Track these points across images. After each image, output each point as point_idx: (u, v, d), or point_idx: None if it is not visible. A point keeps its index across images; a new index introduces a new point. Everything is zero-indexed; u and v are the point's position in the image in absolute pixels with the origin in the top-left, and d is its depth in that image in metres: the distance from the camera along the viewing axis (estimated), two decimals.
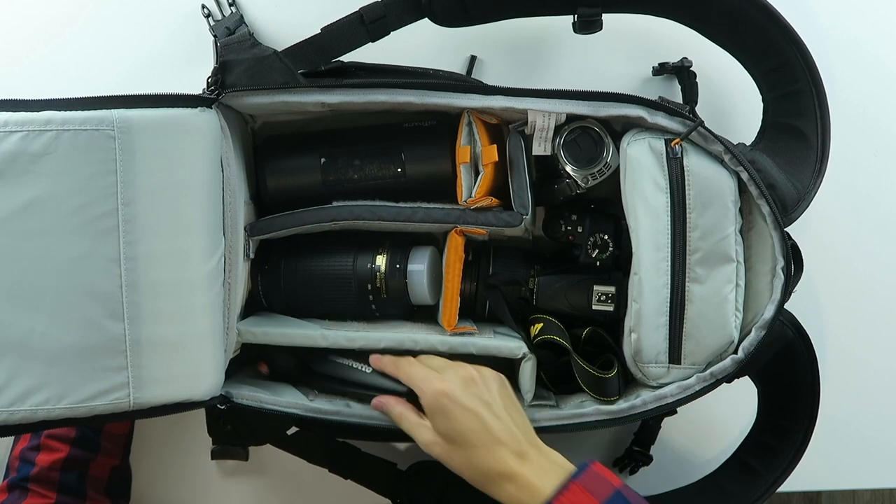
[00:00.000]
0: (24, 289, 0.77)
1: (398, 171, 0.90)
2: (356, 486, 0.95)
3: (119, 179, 0.78)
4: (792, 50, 0.86)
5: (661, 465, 1.02)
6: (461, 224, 0.88)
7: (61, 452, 0.91)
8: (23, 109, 0.77)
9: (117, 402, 0.79)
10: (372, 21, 0.88)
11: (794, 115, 0.88)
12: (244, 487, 1.05)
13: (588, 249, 0.90)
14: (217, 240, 0.84)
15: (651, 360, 0.86)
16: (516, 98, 0.85)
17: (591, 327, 0.91)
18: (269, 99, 0.84)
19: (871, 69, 1.03)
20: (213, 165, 0.83)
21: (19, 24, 1.00)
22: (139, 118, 0.78)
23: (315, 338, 0.89)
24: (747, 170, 0.82)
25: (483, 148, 0.86)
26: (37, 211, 0.77)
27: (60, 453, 0.91)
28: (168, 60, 0.99)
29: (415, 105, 0.85)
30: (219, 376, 0.86)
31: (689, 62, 0.96)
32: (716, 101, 0.99)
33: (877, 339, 1.05)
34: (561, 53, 1.00)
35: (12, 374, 0.77)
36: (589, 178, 0.87)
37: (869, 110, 1.03)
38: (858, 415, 1.04)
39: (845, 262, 1.04)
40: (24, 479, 0.90)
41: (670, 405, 0.86)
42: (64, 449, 0.91)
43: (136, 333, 0.79)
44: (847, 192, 0.93)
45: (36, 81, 0.99)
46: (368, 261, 0.90)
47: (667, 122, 0.84)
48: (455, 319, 0.89)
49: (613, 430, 1.01)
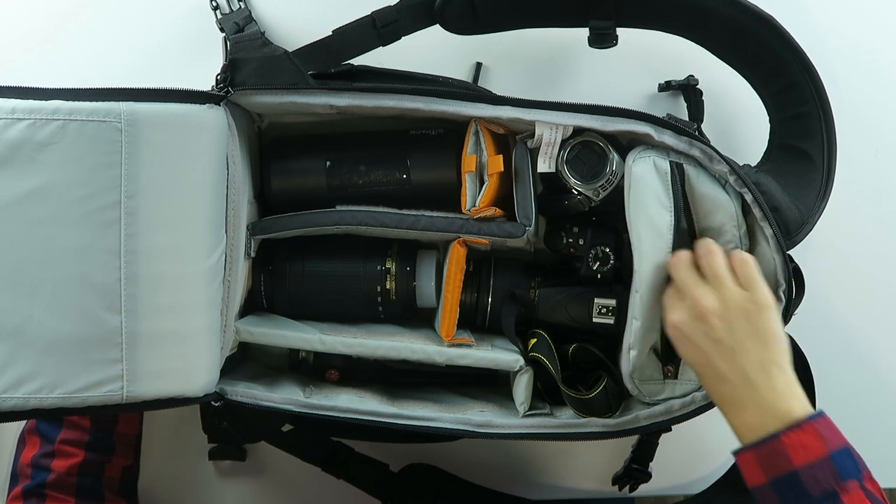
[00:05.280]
0: (23, 276, 0.77)
1: (403, 177, 0.90)
2: (352, 488, 0.95)
3: (123, 172, 0.78)
4: (801, 72, 0.86)
5: (660, 483, 1.02)
6: (464, 233, 0.88)
7: (77, 457, 0.91)
8: (31, 98, 0.77)
9: (110, 394, 0.79)
10: (384, 25, 0.89)
11: (801, 137, 0.88)
12: (241, 488, 1.05)
13: (589, 262, 0.90)
14: (219, 237, 0.84)
15: (648, 377, 0.86)
16: (524, 109, 0.85)
17: (578, 343, 0.91)
18: (277, 99, 0.85)
19: (872, 70, 1.03)
20: (219, 162, 0.83)
21: (27, 13, 1.00)
22: (147, 112, 0.79)
23: (313, 342, 0.89)
24: (752, 192, 0.82)
25: (489, 158, 0.86)
26: (40, 199, 0.77)
27: (76, 458, 0.91)
28: (174, 53, 1.00)
29: (422, 112, 0.85)
30: (214, 373, 0.85)
31: (696, 80, 0.96)
32: (722, 121, 0.99)
33: (875, 340, 1.05)
34: (568, 66, 1.01)
35: (7, 361, 0.77)
36: (599, 189, 0.87)
37: (869, 111, 1.03)
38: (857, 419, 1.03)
39: (845, 262, 1.04)
40: (40, 486, 0.89)
41: (666, 422, 0.86)
42: (79, 454, 0.91)
43: (133, 326, 0.79)
44: (847, 192, 0.92)
45: (45, 70, 1.00)
46: (378, 263, 0.90)
47: (673, 141, 0.84)
48: (453, 330, 0.89)
49: (611, 447, 1.01)
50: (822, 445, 0.70)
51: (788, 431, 0.71)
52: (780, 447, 0.71)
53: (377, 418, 0.87)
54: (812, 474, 0.70)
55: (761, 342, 0.77)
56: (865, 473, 0.70)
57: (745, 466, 0.74)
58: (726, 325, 0.77)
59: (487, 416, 0.89)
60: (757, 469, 0.73)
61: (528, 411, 0.89)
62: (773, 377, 0.75)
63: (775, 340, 0.77)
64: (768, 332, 0.77)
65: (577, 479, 1.05)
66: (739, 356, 0.76)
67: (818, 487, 0.69)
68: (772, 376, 0.75)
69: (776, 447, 0.71)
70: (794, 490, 0.70)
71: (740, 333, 0.77)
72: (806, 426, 0.71)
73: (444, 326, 0.89)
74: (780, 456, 0.71)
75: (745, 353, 0.76)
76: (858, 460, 0.71)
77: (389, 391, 0.93)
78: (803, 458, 0.70)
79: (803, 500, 0.70)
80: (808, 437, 0.71)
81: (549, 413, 0.90)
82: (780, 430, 0.72)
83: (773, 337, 0.77)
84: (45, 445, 0.91)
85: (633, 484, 1.00)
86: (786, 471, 0.71)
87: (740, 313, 0.77)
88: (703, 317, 0.78)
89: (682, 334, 0.80)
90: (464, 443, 0.97)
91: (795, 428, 0.71)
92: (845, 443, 0.72)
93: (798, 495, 0.70)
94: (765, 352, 0.76)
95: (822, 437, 0.71)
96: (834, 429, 0.72)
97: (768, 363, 0.76)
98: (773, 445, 0.72)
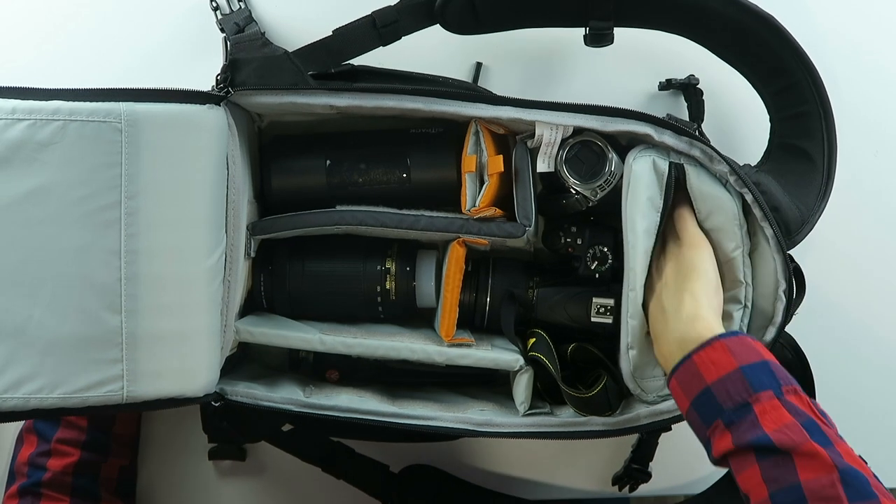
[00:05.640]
0: (23, 276, 0.77)
1: (403, 176, 0.90)
2: (352, 488, 0.95)
3: (124, 172, 0.78)
4: (801, 72, 0.86)
5: (660, 483, 1.02)
6: (464, 233, 0.88)
7: (73, 457, 0.91)
8: (31, 98, 0.77)
9: (110, 394, 0.79)
10: (384, 25, 0.89)
11: (802, 136, 0.88)
12: (241, 488, 1.05)
13: (587, 261, 0.90)
14: (219, 237, 0.84)
15: (650, 375, 0.86)
16: (525, 109, 0.85)
17: (577, 343, 0.91)
18: (277, 99, 0.85)
19: (872, 70, 1.03)
20: (219, 163, 0.83)
21: (27, 13, 1.00)
22: (147, 112, 0.79)
23: (313, 342, 0.89)
24: (752, 192, 0.82)
25: (489, 158, 0.86)
26: (40, 199, 0.77)
27: (72, 457, 0.91)
28: (174, 53, 1.00)
29: (423, 112, 0.85)
30: (214, 373, 0.85)
31: (696, 80, 0.96)
32: (722, 120, 0.99)
33: (875, 340, 1.05)
34: (568, 66, 1.01)
35: (7, 361, 0.77)
36: (597, 189, 0.87)
37: (869, 111, 1.03)
38: (857, 419, 1.03)
39: (845, 262, 1.04)
40: (36, 485, 0.89)
41: (666, 421, 0.86)
42: (75, 453, 0.91)
43: (133, 326, 0.79)
44: (847, 192, 0.92)
45: (45, 70, 1.00)
46: (378, 263, 0.91)
47: (673, 142, 0.84)
48: (453, 330, 0.89)
49: (611, 447, 1.01)
50: (732, 359, 0.71)
51: (700, 350, 0.73)
52: (693, 367, 0.73)
53: (377, 418, 0.87)
54: (723, 388, 0.71)
55: (680, 276, 0.81)
56: (788, 387, 0.70)
57: (675, 395, 0.76)
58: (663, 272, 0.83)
59: (487, 415, 0.89)
60: (681, 394, 0.75)
61: (528, 410, 0.89)
62: (684, 304, 0.78)
63: (691, 273, 0.81)
64: (687, 267, 0.81)
65: (577, 479, 1.05)
66: (663, 295, 0.81)
67: (730, 400, 0.70)
68: (682, 304, 0.78)
69: (690, 368, 0.74)
70: (709, 406, 0.71)
71: (667, 275, 0.82)
72: (716, 343, 0.73)
73: (443, 326, 0.89)
74: (693, 376, 0.73)
75: (666, 290, 0.81)
76: (779, 374, 0.71)
77: (389, 391, 0.93)
78: (714, 373, 0.72)
79: (719, 414, 0.70)
80: (717, 353, 0.72)
81: (550, 412, 0.90)
82: (692, 351, 0.74)
83: (690, 271, 0.81)
84: (42, 444, 0.91)
85: (633, 484, 1.00)
86: (700, 389, 0.72)
87: (671, 257, 0.83)
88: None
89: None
90: (464, 443, 0.97)
91: (706, 346, 0.73)
92: (762, 358, 0.72)
93: (713, 410, 0.71)
94: (681, 284, 0.80)
95: (732, 351, 0.72)
96: (748, 345, 0.73)
97: (681, 293, 0.79)
98: (688, 367, 0.74)
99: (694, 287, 0.79)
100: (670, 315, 0.79)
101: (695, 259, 0.81)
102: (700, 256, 0.82)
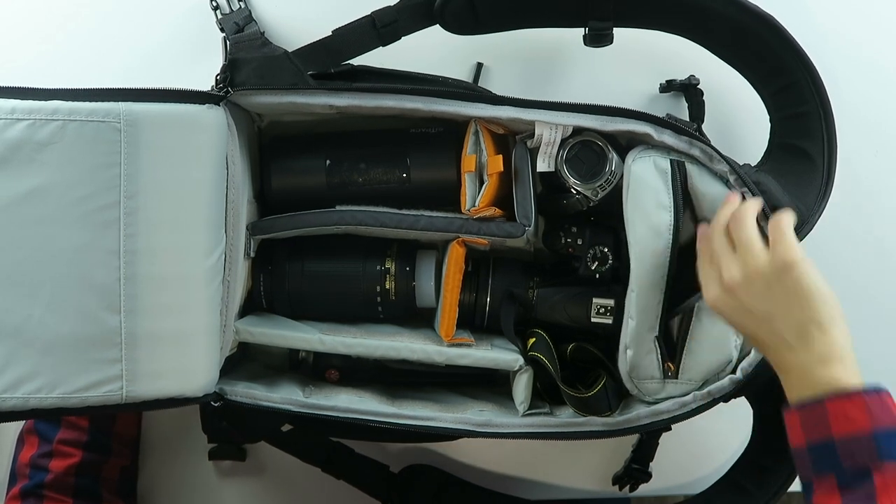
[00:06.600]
0: (23, 276, 0.77)
1: (403, 176, 0.90)
2: (352, 488, 0.95)
3: (123, 172, 0.78)
4: (801, 71, 0.86)
5: (660, 483, 1.02)
6: (463, 233, 0.88)
7: (75, 458, 0.91)
8: (31, 98, 0.77)
9: (110, 394, 0.79)
10: (384, 25, 0.89)
11: (802, 136, 0.88)
12: (241, 488, 1.05)
13: (588, 262, 0.90)
14: (218, 237, 0.84)
15: (647, 376, 0.86)
16: (524, 109, 0.85)
17: (576, 343, 0.91)
18: (277, 99, 0.85)
19: (872, 70, 1.03)
20: (219, 163, 0.83)
21: (27, 13, 1.00)
22: (146, 112, 0.79)
23: (313, 342, 0.89)
24: (752, 191, 0.82)
25: (488, 157, 0.86)
26: (39, 199, 0.77)
27: (74, 458, 0.91)
28: (174, 53, 1.00)
29: (422, 112, 0.85)
30: (213, 373, 0.85)
31: (697, 80, 0.96)
32: (722, 120, 0.99)
33: (875, 340, 1.03)
34: (568, 66, 1.01)
35: (7, 361, 0.77)
36: (598, 189, 0.86)
37: (869, 111, 1.03)
38: None
39: (845, 262, 1.03)
40: (38, 486, 0.89)
41: (665, 421, 0.86)
42: (77, 454, 0.91)
43: (132, 326, 0.79)
44: (847, 192, 0.92)
45: (45, 70, 1.00)
46: (377, 263, 0.91)
47: (673, 141, 0.84)
48: (453, 330, 0.89)
49: (611, 447, 1.01)
50: (868, 421, 0.67)
51: (835, 399, 0.68)
52: (823, 413, 0.68)
53: (377, 418, 0.87)
54: (849, 447, 0.67)
55: (795, 303, 0.72)
56: None
57: (789, 426, 0.71)
58: (754, 294, 0.74)
59: (487, 415, 0.89)
60: (799, 430, 0.70)
61: (527, 410, 0.89)
62: (812, 340, 0.71)
63: (809, 297, 0.71)
64: (799, 291, 0.71)
65: (577, 479, 1.05)
66: (775, 322, 0.73)
67: (851, 461, 0.66)
68: (811, 339, 0.71)
69: (818, 411, 0.69)
70: (828, 458, 0.67)
71: (770, 299, 0.73)
72: (856, 398, 0.68)
73: (443, 326, 0.89)
74: (820, 421, 0.68)
75: (779, 319, 0.72)
76: None
77: (389, 391, 0.93)
78: (844, 428, 0.67)
79: (834, 470, 0.67)
80: (854, 409, 0.67)
81: (549, 412, 0.90)
82: (826, 396, 0.68)
83: (806, 295, 0.71)
84: (44, 445, 0.91)
85: (634, 484, 1.00)
86: (823, 436, 0.68)
87: (764, 280, 0.73)
88: (730, 290, 0.75)
89: (719, 310, 0.77)
90: (464, 443, 0.97)
91: (844, 397, 0.68)
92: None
93: (830, 464, 0.67)
94: (800, 312, 0.71)
95: (870, 411, 0.67)
96: (888, 406, 0.68)
97: (805, 324, 0.71)
98: (817, 410, 0.69)
99: (821, 317, 0.71)
100: (792, 342, 0.72)
101: (804, 281, 0.72)
102: (809, 275, 0.72)
